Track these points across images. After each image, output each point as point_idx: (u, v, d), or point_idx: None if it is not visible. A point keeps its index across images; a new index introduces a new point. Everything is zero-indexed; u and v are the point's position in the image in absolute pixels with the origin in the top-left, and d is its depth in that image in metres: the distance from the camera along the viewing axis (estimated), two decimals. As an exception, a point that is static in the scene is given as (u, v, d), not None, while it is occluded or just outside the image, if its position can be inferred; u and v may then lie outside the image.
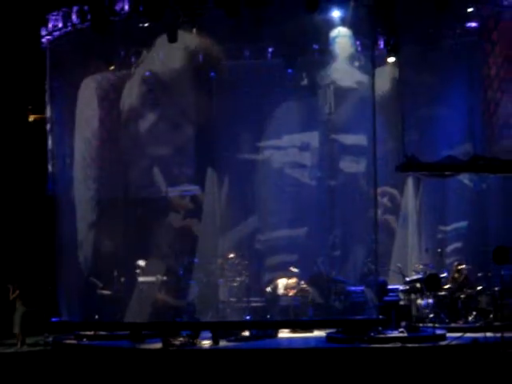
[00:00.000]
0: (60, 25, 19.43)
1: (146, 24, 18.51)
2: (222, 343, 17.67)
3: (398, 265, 19.07)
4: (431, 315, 17.97)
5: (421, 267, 18.82)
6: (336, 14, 18.40)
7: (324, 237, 19.50)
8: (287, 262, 19.53)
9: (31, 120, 22.76)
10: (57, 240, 19.74)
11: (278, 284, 19.22)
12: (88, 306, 19.15)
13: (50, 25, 19.65)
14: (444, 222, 19.98)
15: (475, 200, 19.64)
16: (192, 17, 18.22)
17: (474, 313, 18.15)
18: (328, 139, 19.78)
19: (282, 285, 19.17)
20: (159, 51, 19.19)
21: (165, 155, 19.65)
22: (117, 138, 19.64)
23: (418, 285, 18.15)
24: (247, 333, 18.26)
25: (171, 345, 17.27)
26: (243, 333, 18.24)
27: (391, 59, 18.88)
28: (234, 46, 19.52)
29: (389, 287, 18.06)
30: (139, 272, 19.16)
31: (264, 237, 19.86)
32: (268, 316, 18.76)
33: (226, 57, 19.25)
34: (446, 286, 18.56)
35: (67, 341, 18.97)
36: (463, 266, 18.94)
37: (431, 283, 17.79)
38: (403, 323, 17.30)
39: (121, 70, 19.77)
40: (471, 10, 18.61)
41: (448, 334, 17.08)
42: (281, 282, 19.22)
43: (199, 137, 19.67)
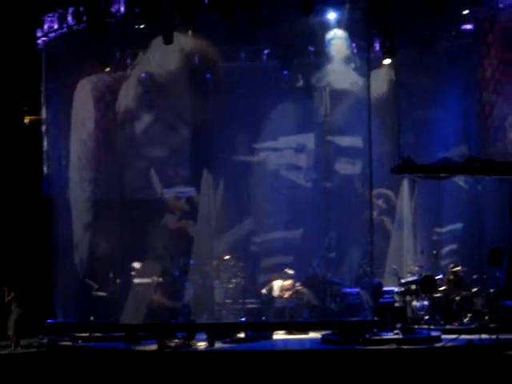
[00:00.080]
0: (56, 26, 19.43)
1: (142, 26, 18.53)
2: (218, 345, 17.65)
3: (394, 267, 19.09)
4: (426, 317, 17.99)
5: (416, 269, 18.84)
6: (332, 16, 18.42)
7: (319, 238, 19.49)
8: (283, 264, 19.51)
9: (27, 121, 22.71)
10: (52, 241, 19.72)
11: (274, 286, 19.20)
12: (83, 308, 19.13)
13: (46, 26, 19.64)
14: (439, 224, 20.00)
15: (470, 202, 19.66)
16: (188, 19, 18.23)
17: (469, 315, 18.15)
18: (324, 141, 19.79)
19: (278, 286, 19.16)
20: (155, 53, 19.18)
21: (160, 157, 19.61)
22: (112, 140, 19.61)
23: (414, 287, 18.17)
24: (242, 334, 18.25)
25: (166, 346, 17.27)
26: (238, 334, 18.24)
27: (387, 61, 18.92)
28: (230, 48, 19.50)
29: (384, 289, 18.07)
30: (134, 274, 19.16)
31: (259, 239, 19.84)
32: (263, 318, 18.73)
33: (222, 59, 19.23)
34: (442, 288, 18.58)
35: (62, 342, 18.93)
36: (458, 268, 18.96)
37: (426, 285, 17.83)
38: (398, 325, 17.33)
39: (116, 72, 19.75)
40: (467, 13, 18.66)
41: (443, 336, 17.08)
42: (276, 284, 19.20)
43: (195, 138, 19.64)
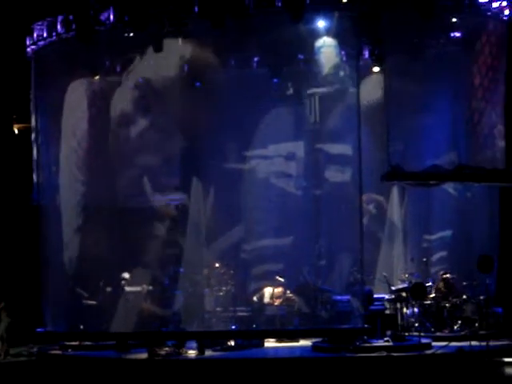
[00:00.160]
0: (45, 34, 19.39)
1: (131, 34, 18.52)
2: (208, 353, 17.61)
3: (384, 274, 19.08)
4: (417, 324, 18.00)
5: (406, 276, 18.86)
6: (321, 24, 18.43)
7: (310, 246, 19.51)
8: (273, 272, 19.47)
9: (16, 130, 22.64)
10: (42, 250, 19.67)
11: (264, 293, 19.19)
12: (73, 316, 19.06)
13: (35, 34, 19.61)
14: (429, 231, 20.01)
15: (460, 209, 19.70)
16: (177, 27, 18.23)
17: (460, 322, 18.17)
18: (313, 149, 19.82)
19: (269, 294, 19.14)
20: (148, 60, 19.17)
21: (151, 163, 19.59)
22: (104, 145, 19.59)
23: (404, 294, 18.20)
24: (233, 342, 18.23)
25: (157, 355, 17.22)
26: (229, 342, 18.21)
27: (376, 69, 18.95)
28: (220, 56, 19.48)
29: (374, 296, 18.05)
30: (124, 283, 19.12)
31: (250, 246, 19.80)
32: (254, 325, 18.71)
33: (211, 66, 19.24)
34: (432, 295, 18.60)
35: (52, 351, 18.84)
36: (448, 275, 18.99)
37: (417, 292, 17.84)
38: (389, 332, 17.31)
39: (106, 80, 19.75)
40: (455, 20, 18.69)
41: (434, 343, 17.10)
42: (267, 291, 19.18)
43: (185, 146, 19.64)
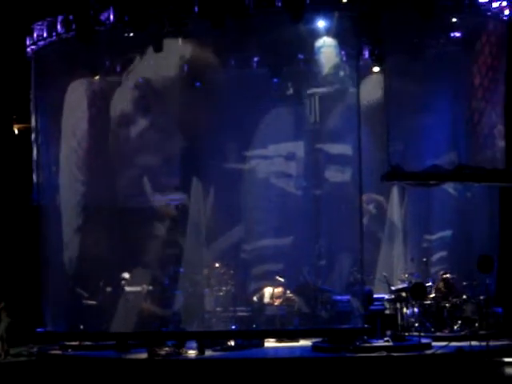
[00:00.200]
0: (45, 34, 19.39)
1: (131, 34, 18.52)
2: (208, 353, 17.60)
3: (384, 274, 19.09)
4: (417, 324, 18.00)
5: (406, 276, 18.86)
6: (321, 25, 18.43)
7: (310, 246, 19.51)
8: (273, 272, 19.47)
9: (16, 130, 22.64)
10: (42, 250, 19.67)
11: (264, 293, 19.19)
12: (73, 316, 19.05)
13: (35, 34, 19.61)
14: (429, 231, 20.01)
15: (460, 209, 19.69)
16: (177, 27, 18.23)
17: (460, 322, 18.17)
18: (313, 149, 19.82)
19: (269, 294, 19.14)
20: (148, 60, 19.17)
21: (151, 163, 19.59)
22: (104, 145, 19.59)
23: (404, 294, 18.20)
24: (233, 342, 18.23)
25: (157, 355, 17.21)
26: (229, 342, 18.21)
27: (376, 69, 18.95)
28: (220, 56, 19.47)
29: (374, 296, 18.05)
30: (124, 283, 19.12)
31: (250, 246, 19.80)
32: (254, 325, 18.72)
33: (211, 66, 19.24)
34: (432, 295, 18.59)
35: (52, 351, 18.83)
36: (448, 275, 18.98)
37: (417, 292, 17.83)
38: (389, 332, 17.31)
39: (106, 80, 19.75)
40: (455, 20, 18.69)
41: (433, 343, 17.09)
42: (267, 291, 19.18)
43: (185, 146, 19.65)
